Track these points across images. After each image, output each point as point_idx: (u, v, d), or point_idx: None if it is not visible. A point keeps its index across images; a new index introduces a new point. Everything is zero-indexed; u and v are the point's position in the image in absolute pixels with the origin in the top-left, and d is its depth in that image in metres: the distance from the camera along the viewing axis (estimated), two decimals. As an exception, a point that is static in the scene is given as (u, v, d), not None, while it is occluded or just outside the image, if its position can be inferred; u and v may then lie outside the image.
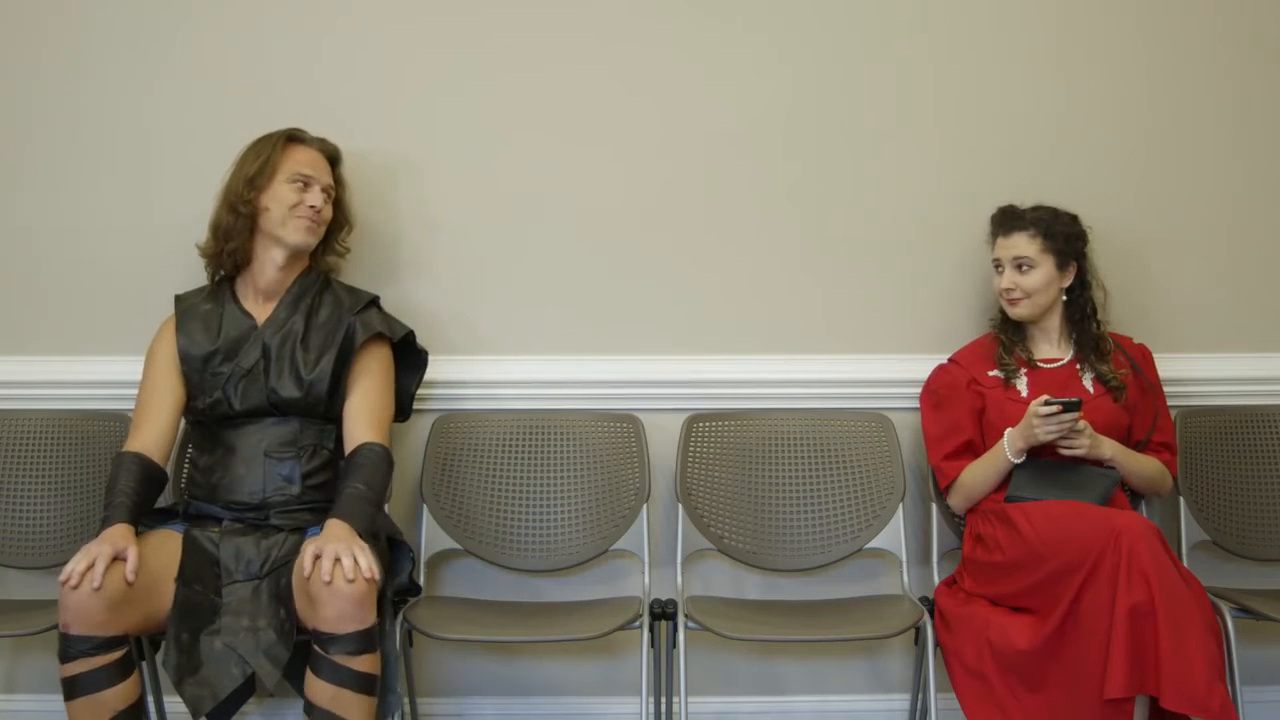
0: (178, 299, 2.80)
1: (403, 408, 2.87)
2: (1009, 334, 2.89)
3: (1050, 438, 2.68)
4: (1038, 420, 2.66)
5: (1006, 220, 2.86)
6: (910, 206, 3.06)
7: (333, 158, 2.83)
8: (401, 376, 2.84)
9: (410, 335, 2.83)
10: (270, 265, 2.75)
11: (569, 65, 3.03)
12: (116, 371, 2.90)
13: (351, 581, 2.33)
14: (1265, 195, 3.09)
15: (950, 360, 2.93)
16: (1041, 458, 2.74)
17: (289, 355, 2.69)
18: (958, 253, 3.03)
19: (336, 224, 2.86)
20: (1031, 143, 3.05)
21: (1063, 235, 2.82)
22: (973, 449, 2.83)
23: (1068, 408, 2.64)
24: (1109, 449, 2.74)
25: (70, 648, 2.34)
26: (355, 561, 2.35)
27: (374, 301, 2.82)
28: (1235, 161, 3.08)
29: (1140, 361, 2.88)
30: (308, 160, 2.76)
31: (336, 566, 2.34)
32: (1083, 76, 3.06)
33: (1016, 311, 2.85)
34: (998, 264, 2.87)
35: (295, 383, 2.67)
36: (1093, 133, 3.06)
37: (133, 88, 3.00)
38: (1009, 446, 2.73)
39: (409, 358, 2.86)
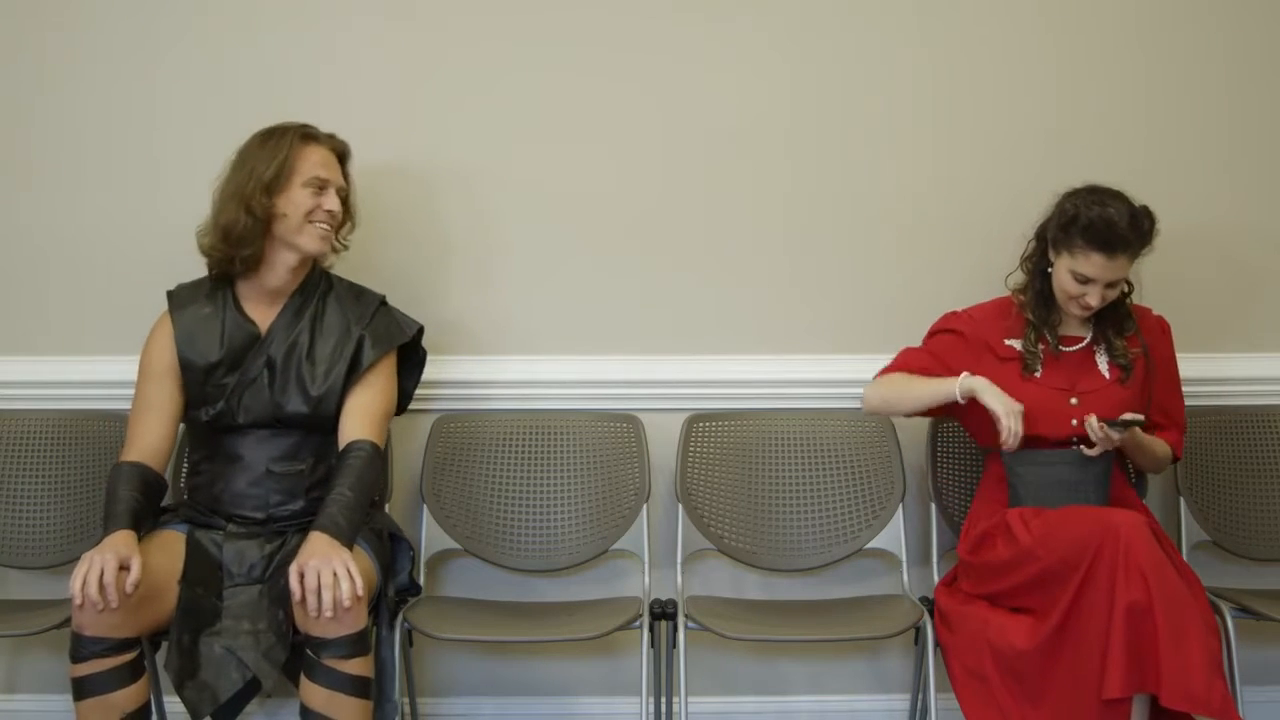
0: (172, 296, 2.70)
1: (399, 403, 2.82)
2: (1040, 315, 2.75)
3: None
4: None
5: (1115, 242, 2.60)
6: (911, 205, 3.05)
7: (342, 155, 2.70)
8: (401, 377, 2.77)
9: (419, 333, 2.77)
10: (282, 268, 2.64)
11: (569, 67, 3.02)
12: (116, 371, 2.88)
13: (348, 609, 2.33)
14: (1266, 195, 3.08)
15: (965, 313, 2.81)
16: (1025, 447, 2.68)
17: (295, 369, 2.63)
18: (959, 252, 3.02)
19: (342, 220, 2.73)
20: (1032, 142, 3.05)
21: (1150, 240, 2.69)
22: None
23: (1126, 425, 2.61)
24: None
25: (83, 648, 2.34)
26: (340, 578, 2.32)
27: (381, 304, 2.74)
28: (1236, 161, 3.08)
29: (1160, 335, 2.82)
30: (322, 161, 2.63)
31: (328, 590, 2.32)
32: (1084, 76, 3.06)
33: (1089, 314, 2.73)
34: (1082, 278, 2.65)
35: (302, 399, 2.62)
36: (1093, 132, 3.06)
37: (135, 88, 3.00)
38: (962, 391, 2.63)
39: (411, 354, 2.81)
